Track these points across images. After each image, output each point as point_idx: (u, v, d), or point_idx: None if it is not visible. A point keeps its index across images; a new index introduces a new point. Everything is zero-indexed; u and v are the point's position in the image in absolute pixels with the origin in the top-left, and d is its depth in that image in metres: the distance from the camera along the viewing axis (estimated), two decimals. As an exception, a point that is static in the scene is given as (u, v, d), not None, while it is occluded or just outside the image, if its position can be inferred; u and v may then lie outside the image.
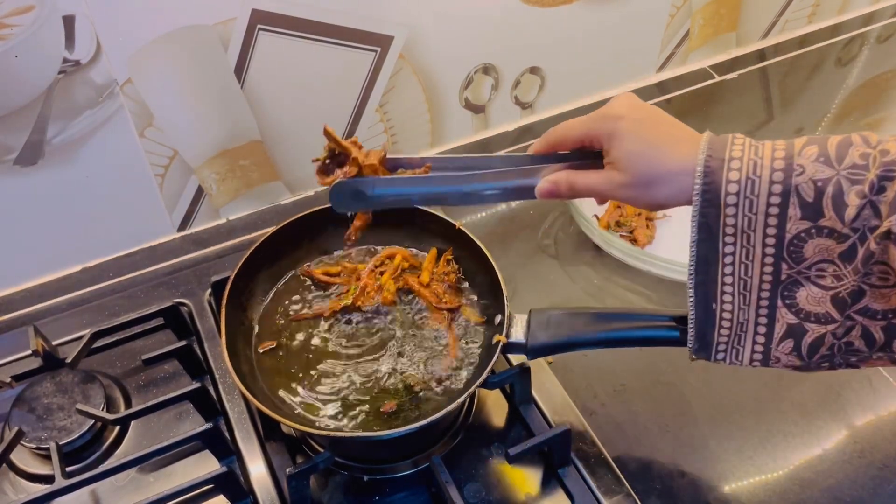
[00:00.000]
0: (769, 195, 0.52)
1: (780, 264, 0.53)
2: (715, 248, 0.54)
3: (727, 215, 0.53)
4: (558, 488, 0.72)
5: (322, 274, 0.80)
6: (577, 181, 0.60)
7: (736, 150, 0.53)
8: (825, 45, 1.29)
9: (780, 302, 0.54)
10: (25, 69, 0.76)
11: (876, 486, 0.73)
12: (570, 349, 0.69)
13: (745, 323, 0.56)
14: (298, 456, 0.75)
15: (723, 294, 0.56)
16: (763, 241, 0.53)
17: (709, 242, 0.54)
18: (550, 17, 1.02)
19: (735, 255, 0.54)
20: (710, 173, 0.53)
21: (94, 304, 0.88)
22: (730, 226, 0.53)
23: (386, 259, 0.81)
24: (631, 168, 0.57)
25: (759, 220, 0.52)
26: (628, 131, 0.57)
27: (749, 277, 0.54)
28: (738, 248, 0.54)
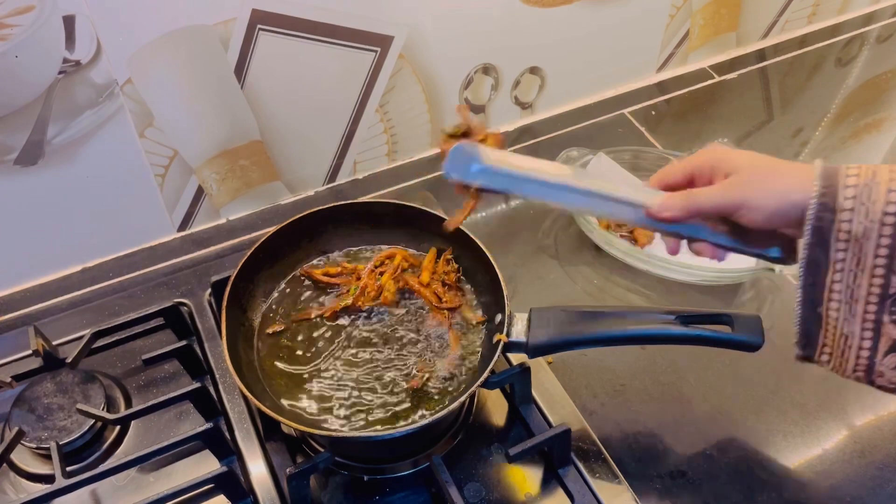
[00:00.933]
0: (886, 203, 0.51)
1: (890, 277, 0.52)
2: (826, 253, 0.54)
3: (842, 220, 0.52)
4: (558, 488, 0.72)
5: (322, 274, 0.80)
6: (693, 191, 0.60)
7: (851, 169, 0.53)
8: (825, 45, 1.29)
9: (886, 317, 0.54)
10: (25, 69, 0.76)
11: (876, 486, 0.73)
12: (570, 347, 0.69)
13: (850, 335, 0.55)
14: (298, 456, 0.75)
15: (829, 301, 0.55)
16: (875, 252, 0.52)
17: (821, 247, 0.54)
18: (550, 17, 1.03)
19: (846, 263, 0.53)
20: (828, 177, 0.53)
21: (95, 304, 0.89)
22: (844, 231, 0.53)
23: (386, 259, 0.81)
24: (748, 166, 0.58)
25: (874, 228, 0.52)
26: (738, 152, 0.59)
27: (857, 286, 0.54)
28: (849, 255, 0.53)
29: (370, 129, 1.01)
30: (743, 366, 0.83)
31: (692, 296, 0.90)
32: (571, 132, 1.12)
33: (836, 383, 0.81)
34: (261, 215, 1.01)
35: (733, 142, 1.11)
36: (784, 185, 0.56)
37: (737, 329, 0.66)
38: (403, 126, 1.03)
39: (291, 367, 0.74)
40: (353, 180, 1.05)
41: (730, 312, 0.67)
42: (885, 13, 1.36)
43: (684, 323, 0.67)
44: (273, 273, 0.80)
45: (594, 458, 0.73)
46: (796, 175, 0.55)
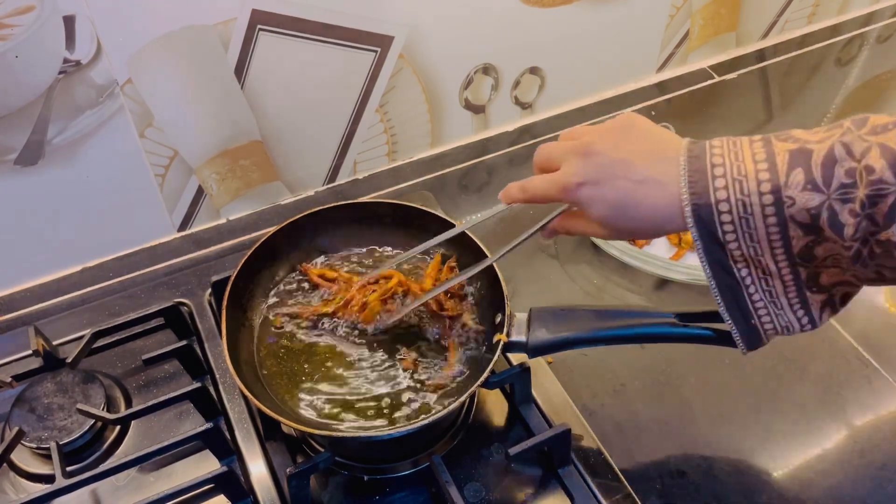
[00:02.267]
0: (766, 227, 0.51)
1: (797, 269, 0.53)
2: (732, 276, 0.54)
3: (731, 249, 0.53)
4: (558, 488, 0.72)
5: (317, 276, 0.80)
6: (571, 228, 0.64)
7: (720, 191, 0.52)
8: (825, 45, 1.29)
9: (808, 293, 0.55)
10: (26, 69, 0.76)
11: (876, 486, 0.73)
12: (570, 347, 0.69)
13: (789, 323, 0.56)
14: (298, 456, 0.75)
15: (756, 310, 0.56)
16: (774, 260, 0.53)
17: (724, 273, 0.55)
18: (550, 17, 1.03)
19: (753, 276, 0.54)
20: (701, 220, 0.53)
21: (95, 303, 0.89)
22: (738, 257, 0.53)
23: (382, 279, 0.79)
24: (611, 227, 0.58)
25: (764, 246, 0.52)
26: (593, 199, 0.57)
27: (773, 288, 0.55)
28: (752, 269, 0.54)
29: (370, 129, 1.01)
30: (743, 366, 0.83)
31: (692, 296, 0.90)
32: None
33: (836, 383, 0.82)
34: (261, 215, 1.01)
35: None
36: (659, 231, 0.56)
37: (736, 328, 0.66)
38: (403, 126, 1.03)
39: (292, 367, 0.74)
40: (353, 180, 1.05)
41: (730, 312, 0.67)
42: (885, 13, 1.36)
43: (684, 321, 0.67)
44: (273, 273, 0.80)
45: (594, 458, 0.73)
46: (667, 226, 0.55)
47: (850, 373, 0.82)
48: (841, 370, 0.83)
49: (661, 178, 0.54)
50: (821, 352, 0.84)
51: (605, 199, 0.56)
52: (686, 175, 0.53)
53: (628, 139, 0.57)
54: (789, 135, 0.53)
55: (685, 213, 0.53)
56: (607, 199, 0.56)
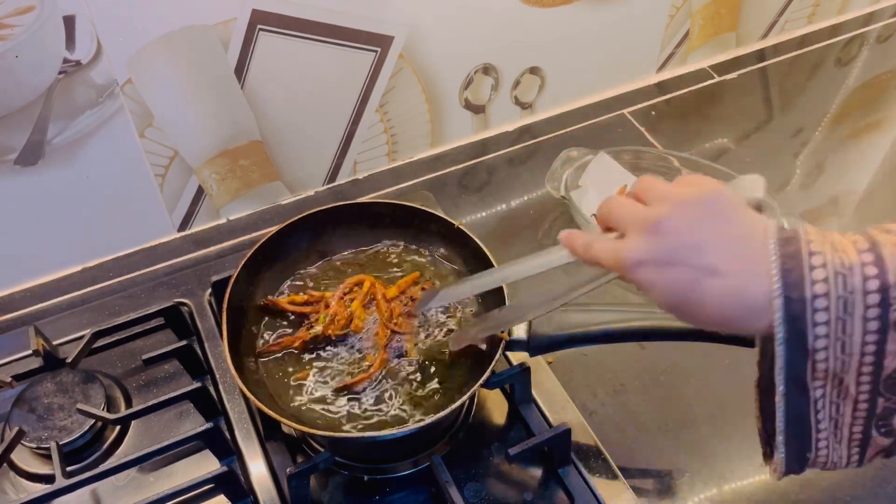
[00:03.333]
0: (864, 334, 0.43)
1: (875, 399, 0.46)
2: (806, 397, 0.47)
3: (817, 360, 0.45)
4: (558, 488, 0.72)
5: (288, 303, 0.77)
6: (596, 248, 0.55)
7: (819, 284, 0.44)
8: (825, 45, 1.29)
9: (874, 432, 0.48)
10: (26, 69, 0.76)
11: (876, 486, 0.73)
12: (571, 345, 0.69)
13: (839, 460, 0.50)
14: (298, 456, 0.75)
15: (818, 441, 0.48)
16: (857, 382, 0.45)
17: (798, 394, 0.47)
18: (550, 17, 1.03)
19: (827, 398, 0.47)
20: (793, 320, 0.44)
21: (95, 303, 0.89)
22: (820, 372, 0.45)
23: (354, 286, 0.78)
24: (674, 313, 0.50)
25: (854, 360, 0.44)
26: (652, 283, 0.49)
27: (840, 416, 0.47)
28: (828, 389, 0.46)
29: (370, 129, 1.01)
30: (743, 366, 0.82)
31: (692, 296, 0.90)
32: (571, 132, 1.12)
33: (836, 383, 0.81)
34: (261, 215, 1.01)
35: (733, 142, 1.11)
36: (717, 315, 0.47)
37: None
38: (403, 126, 1.03)
39: (292, 367, 0.74)
40: (353, 180, 1.05)
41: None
42: (885, 13, 1.36)
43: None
44: (273, 273, 0.80)
45: (594, 458, 0.73)
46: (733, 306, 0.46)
47: (850, 373, 0.82)
48: (841, 370, 0.83)
49: (735, 271, 0.46)
50: (821, 352, 0.84)
51: (664, 288, 0.48)
52: (778, 263, 0.45)
53: (707, 219, 0.48)
54: (884, 227, 0.46)
55: (774, 307, 0.44)
56: (666, 288, 0.48)
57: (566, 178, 0.97)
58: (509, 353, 0.79)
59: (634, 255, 0.49)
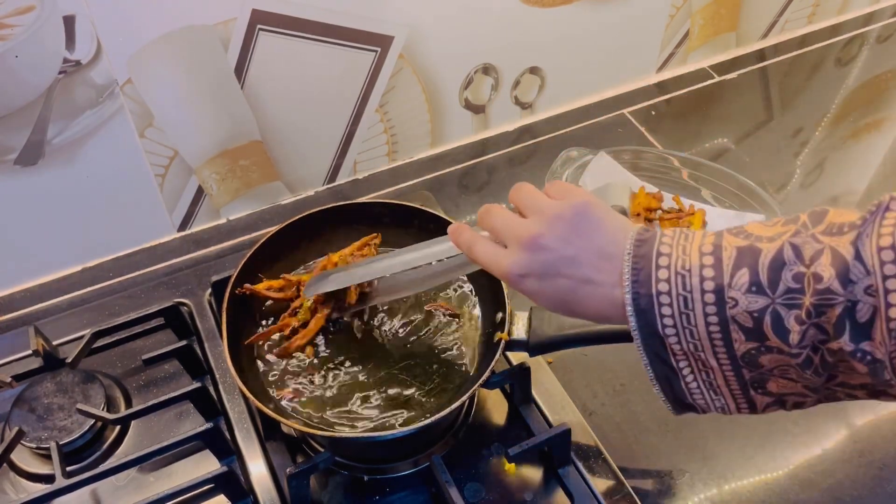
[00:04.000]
0: (707, 325, 0.49)
1: (740, 371, 0.51)
2: (671, 368, 0.52)
3: (671, 343, 0.51)
4: (558, 488, 0.72)
5: (265, 289, 0.76)
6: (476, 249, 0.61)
7: (662, 282, 0.50)
8: (825, 45, 1.29)
9: (753, 393, 0.52)
10: (26, 69, 0.76)
11: (876, 486, 0.73)
12: (571, 345, 0.69)
13: (726, 406, 0.54)
14: (298, 456, 0.75)
15: (693, 396, 0.54)
16: (716, 358, 0.50)
17: (663, 365, 0.53)
18: (550, 17, 1.03)
19: (693, 368, 0.52)
20: (642, 312, 0.50)
21: (95, 303, 0.89)
22: (678, 351, 0.51)
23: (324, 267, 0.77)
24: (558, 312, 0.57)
25: (705, 344, 0.50)
26: (535, 292, 0.56)
27: (713, 380, 0.52)
28: (693, 363, 0.52)
29: (370, 129, 1.01)
30: (743, 366, 0.83)
31: (692, 296, 0.90)
32: (571, 132, 1.12)
33: (836, 383, 0.81)
34: (261, 215, 1.01)
35: (733, 142, 1.11)
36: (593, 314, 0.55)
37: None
38: (403, 126, 1.03)
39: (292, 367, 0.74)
40: (353, 180, 1.05)
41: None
42: (885, 13, 1.36)
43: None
44: (273, 273, 0.80)
45: (594, 458, 0.73)
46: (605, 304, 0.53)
47: (850, 373, 0.82)
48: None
49: (604, 280, 0.53)
50: (821, 352, 0.84)
51: (547, 295, 0.55)
52: (630, 264, 0.52)
53: (578, 232, 0.54)
54: (742, 229, 0.51)
55: (626, 301, 0.51)
56: (549, 296, 0.55)
57: (566, 178, 0.97)
58: (509, 353, 0.79)
59: (516, 269, 0.56)
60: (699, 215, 0.96)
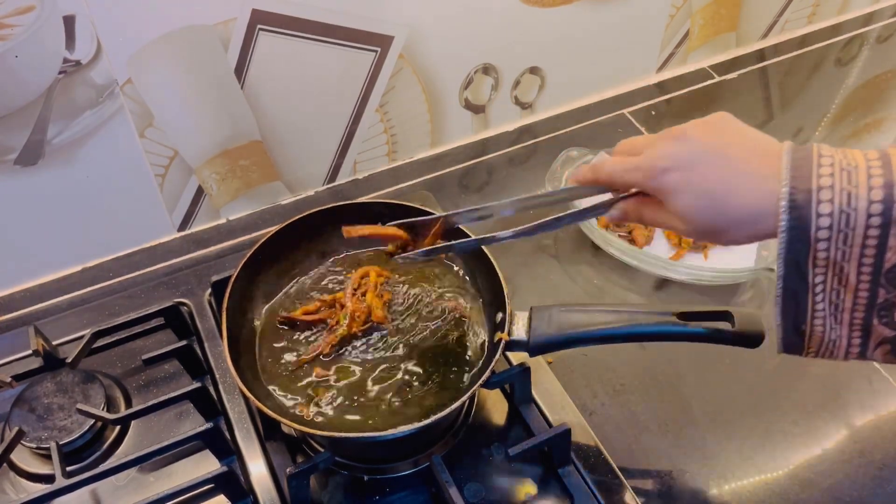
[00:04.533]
0: (867, 227, 0.47)
1: (876, 290, 0.49)
2: (804, 281, 0.50)
3: (818, 250, 0.48)
4: (558, 488, 0.72)
5: (302, 315, 0.77)
6: (644, 215, 0.57)
7: (825, 178, 0.48)
8: (825, 45, 1.29)
9: (875, 321, 0.50)
10: (26, 69, 0.76)
11: (876, 486, 0.73)
12: (571, 345, 0.69)
13: (838, 339, 0.52)
14: (298, 456, 0.75)
15: (814, 319, 0.51)
16: (858, 271, 0.48)
17: (797, 277, 0.50)
18: (550, 17, 1.03)
19: (826, 284, 0.50)
20: (797, 208, 0.48)
21: (95, 303, 0.89)
22: (821, 259, 0.49)
23: (361, 280, 0.79)
24: (694, 222, 0.53)
25: (855, 252, 0.48)
26: (679, 185, 0.52)
27: (841, 301, 0.50)
28: (829, 277, 0.49)
29: (370, 129, 1.01)
30: (743, 366, 0.83)
31: (691, 296, 0.90)
32: (571, 132, 1.12)
33: (836, 383, 0.81)
34: (261, 215, 1.01)
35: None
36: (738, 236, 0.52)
37: (737, 325, 0.66)
38: (403, 126, 1.03)
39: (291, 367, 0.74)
40: (353, 180, 1.05)
41: (730, 309, 0.67)
42: (885, 13, 1.36)
43: (684, 320, 0.67)
44: (273, 273, 0.80)
45: (594, 458, 0.73)
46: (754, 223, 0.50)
47: (850, 373, 0.82)
48: (841, 370, 0.83)
49: (759, 171, 0.50)
50: (821, 352, 0.84)
51: (694, 188, 0.51)
52: (789, 161, 0.49)
53: (726, 130, 0.52)
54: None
55: (781, 194, 0.48)
56: (696, 188, 0.51)
57: (566, 178, 0.97)
58: (509, 353, 0.79)
59: (660, 161, 0.52)
60: (699, 215, 0.96)
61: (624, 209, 0.59)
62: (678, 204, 0.53)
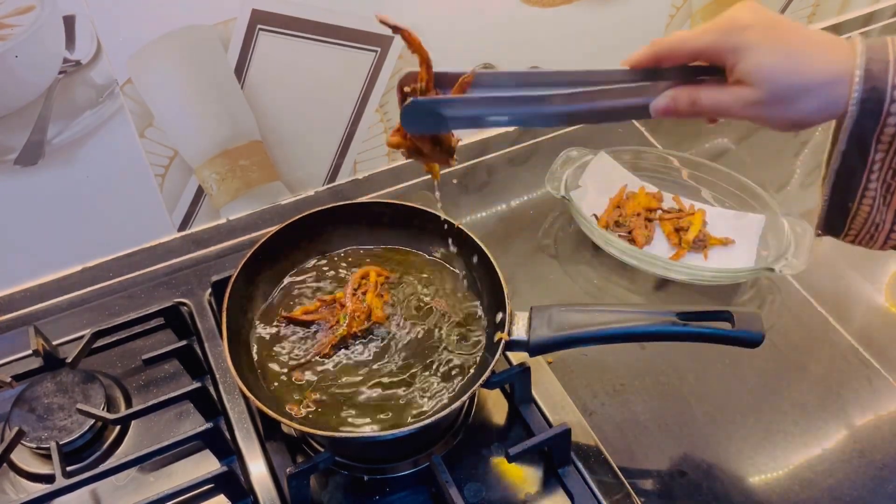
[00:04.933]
0: None
1: None
2: (864, 158, 0.50)
3: (888, 125, 0.48)
4: (558, 488, 0.72)
5: (302, 314, 0.77)
6: (701, 97, 0.54)
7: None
8: (825, 45, 1.29)
9: None
10: (26, 69, 0.76)
11: (876, 486, 0.73)
12: (571, 345, 0.69)
13: (882, 223, 0.53)
14: (298, 456, 0.75)
15: (863, 199, 0.52)
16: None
17: (858, 154, 0.50)
18: (550, 17, 1.03)
19: (884, 163, 0.50)
20: (872, 78, 0.48)
21: (95, 303, 0.89)
22: (886, 137, 0.49)
23: (361, 280, 0.79)
24: (767, 82, 0.51)
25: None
26: (759, 41, 0.50)
27: (894, 182, 0.51)
28: (888, 157, 0.50)
29: (370, 129, 1.01)
30: (743, 366, 0.83)
31: (691, 296, 0.90)
32: (571, 132, 1.12)
33: (835, 383, 0.82)
34: (261, 215, 1.01)
35: (733, 142, 1.11)
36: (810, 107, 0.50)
37: (737, 325, 0.66)
38: (403, 126, 1.03)
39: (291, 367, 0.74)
40: (353, 180, 1.05)
41: (730, 309, 0.67)
42: (885, 13, 1.36)
43: (684, 320, 0.67)
44: (273, 273, 0.80)
45: (594, 458, 0.73)
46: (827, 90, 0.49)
47: (850, 373, 0.82)
48: (841, 370, 0.83)
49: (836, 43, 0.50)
50: (821, 352, 0.84)
51: (774, 44, 0.50)
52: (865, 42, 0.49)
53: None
54: None
55: (857, 63, 0.48)
56: (776, 45, 0.50)
57: (566, 178, 0.97)
58: (509, 353, 0.79)
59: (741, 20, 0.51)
60: (699, 215, 0.96)
61: (674, 95, 0.55)
62: (756, 61, 0.51)
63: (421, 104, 0.56)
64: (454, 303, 0.79)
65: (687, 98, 0.54)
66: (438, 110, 0.56)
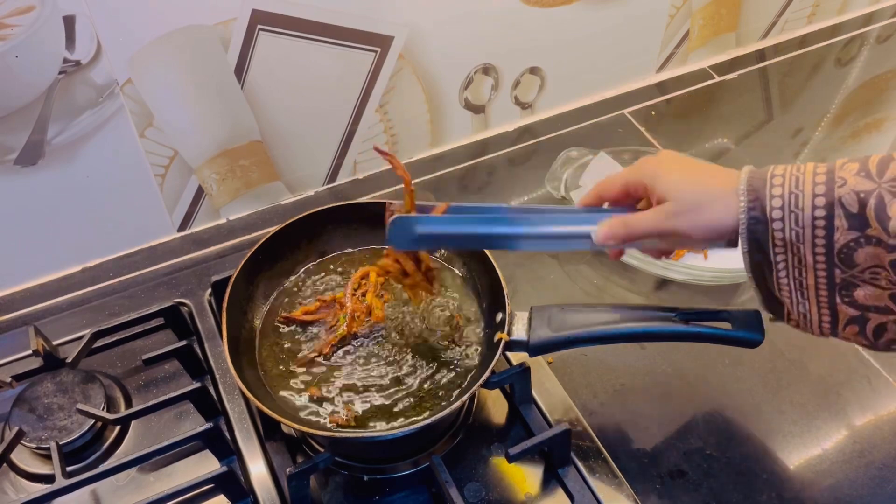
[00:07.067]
0: (813, 208, 0.53)
1: (832, 270, 0.55)
2: (767, 259, 0.57)
3: (774, 229, 0.55)
4: (558, 488, 0.72)
5: (302, 314, 0.77)
6: (630, 220, 0.62)
7: (777, 169, 0.56)
8: (825, 45, 1.29)
9: (838, 300, 0.56)
10: (26, 69, 0.76)
11: (876, 486, 0.73)
12: (571, 345, 0.69)
13: (808, 314, 0.58)
14: (298, 456, 0.75)
15: (781, 292, 0.58)
16: (813, 251, 0.54)
17: (760, 253, 0.57)
18: (550, 17, 1.03)
19: (788, 263, 0.56)
20: (754, 190, 0.56)
21: (95, 303, 0.89)
22: (778, 239, 0.55)
23: (361, 280, 0.79)
24: (677, 194, 0.60)
25: (807, 232, 0.54)
26: (671, 168, 0.61)
27: (804, 279, 0.56)
28: (789, 256, 0.56)
29: (370, 129, 1.01)
30: (743, 366, 0.83)
31: (691, 295, 0.90)
32: (571, 132, 1.12)
33: (835, 383, 0.82)
34: (261, 215, 1.01)
35: (733, 142, 1.12)
36: (714, 214, 0.58)
37: (737, 325, 0.66)
38: (403, 126, 1.03)
39: (292, 367, 0.74)
40: (353, 180, 1.05)
41: (729, 309, 0.67)
42: (885, 13, 1.36)
43: (684, 320, 0.67)
44: (273, 273, 0.80)
45: (594, 458, 0.73)
46: (725, 199, 0.57)
47: (850, 373, 0.82)
48: (841, 370, 0.83)
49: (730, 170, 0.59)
50: (821, 352, 0.84)
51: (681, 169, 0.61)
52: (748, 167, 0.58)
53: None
54: None
55: (740, 180, 0.56)
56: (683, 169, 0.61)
57: (566, 178, 0.97)
58: (509, 353, 0.79)
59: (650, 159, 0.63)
60: (699, 215, 0.96)
61: (611, 222, 0.63)
62: (669, 179, 0.60)
63: (403, 218, 0.66)
64: (454, 303, 0.79)
65: (620, 222, 0.63)
66: (415, 225, 0.66)
